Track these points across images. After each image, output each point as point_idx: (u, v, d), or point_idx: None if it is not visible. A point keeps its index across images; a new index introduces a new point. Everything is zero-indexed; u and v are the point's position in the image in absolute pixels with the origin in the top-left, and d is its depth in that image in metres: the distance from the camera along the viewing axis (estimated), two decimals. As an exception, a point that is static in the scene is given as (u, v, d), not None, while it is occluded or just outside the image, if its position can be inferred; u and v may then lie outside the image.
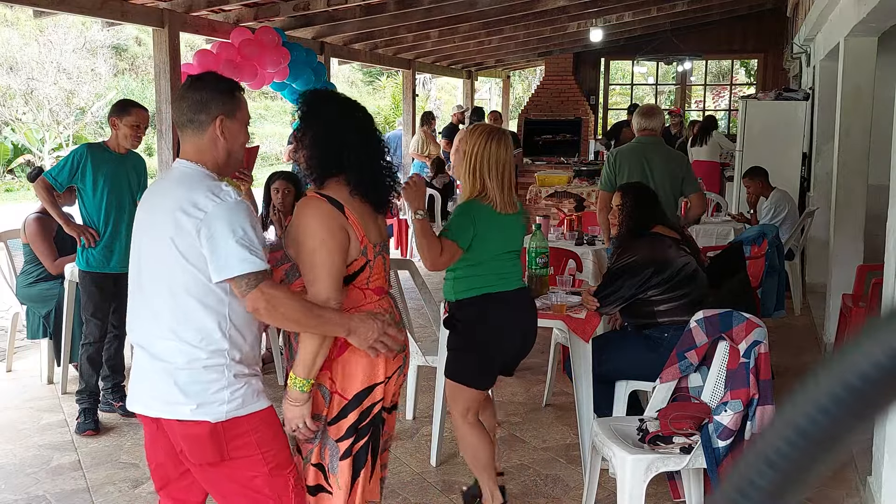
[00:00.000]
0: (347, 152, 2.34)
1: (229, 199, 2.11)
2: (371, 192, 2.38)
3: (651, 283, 3.63)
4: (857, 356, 0.40)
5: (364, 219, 2.35)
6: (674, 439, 2.98)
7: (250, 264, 2.07)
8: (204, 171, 2.20)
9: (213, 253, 2.06)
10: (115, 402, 4.56)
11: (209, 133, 2.20)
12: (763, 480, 0.43)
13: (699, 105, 17.44)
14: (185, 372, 2.13)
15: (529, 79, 23.99)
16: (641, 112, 5.24)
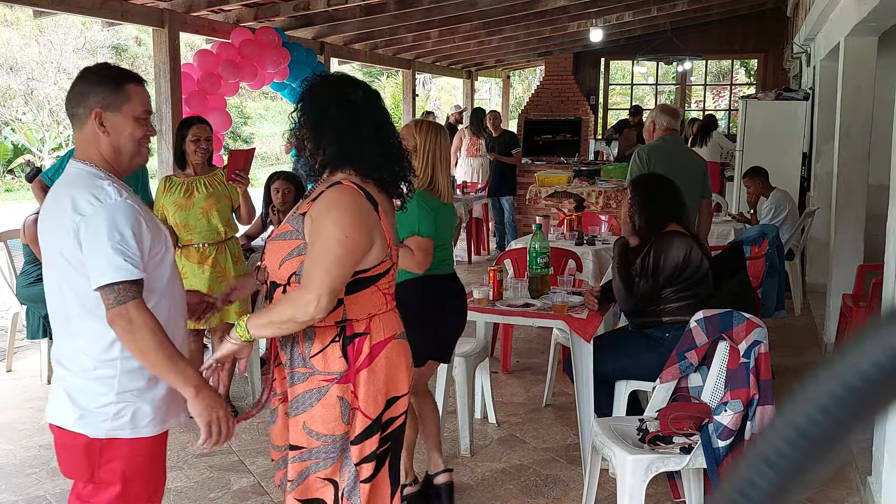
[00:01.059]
0: (362, 139, 2.16)
1: (110, 199, 1.97)
2: (392, 185, 2.26)
3: (671, 281, 3.62)
4: (858, 356, 0.40)
5: (389, 218, 2.24)
6: (674, 439, 2.98)
7: (123, 272, 1.93)
8: (90, 169, 2.06)
9: (89, 258, 1.95)
10: None
11: (88, 128, 2.06)
12: (763, 480, 0.43)
13: (699, 105, 17.43)
14: (76, 380, 2.03)
15: (529, 79, 23.99)
16: (667, 111, 5.17)
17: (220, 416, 2.06)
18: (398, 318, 2.29)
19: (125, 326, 1.94)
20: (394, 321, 2.27)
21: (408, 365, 2.29)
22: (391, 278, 2.25)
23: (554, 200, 9.40)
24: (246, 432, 4.35)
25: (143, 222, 2.02)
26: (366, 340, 2.17)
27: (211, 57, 7.31)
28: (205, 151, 4.37)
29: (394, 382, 2.23)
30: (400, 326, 2.29)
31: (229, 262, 4.42)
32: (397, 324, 2.28)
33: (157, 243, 2.07)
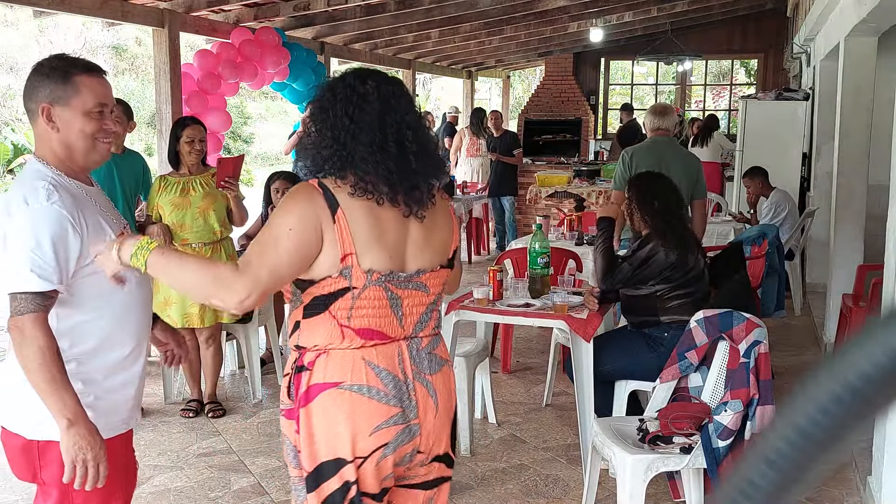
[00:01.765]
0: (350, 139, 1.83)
1: (36, 203, 1.87)
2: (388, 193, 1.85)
3: (665, 276, 3.62)
4: (858, 356, 0.40)
5: (368, 233, 1.82)
6: (674, 439, 2.98)
7: (26, 282, 1.84)
8: (39, 167, 1.96)
9: (3, 262, 1.88)
10: None
11: (39, 123, 1.97)
12: (763, 480, 0.43)
13: (699, 105, 17.43)
14: (12, 380, 1.96)
15: (529, 79, 23.98)
16: (655, 111, 5.14)
17: (89, 458, 1.88)
18: (360, 365, 1.83)
19: (16, 338, 1.86)
20: (345, 365, 1.82)
21: (349, 426, 1.82)
22: (349, 306, 1.83)
23: (554, 200, 9.41)
24: (246, 432, 4.36)
25: (69, 230, 1.89)
26: (302, 377, 1.85)
27: (211, 57, 7.31)
28: (199, 152, 4.39)
29: (327, 442, 1.83)
30: (355, 376, 1.82)
31: (224, 261, 4.43)
32: (350, 371, 1.82)
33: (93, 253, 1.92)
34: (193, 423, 4.50)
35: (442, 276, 1.99)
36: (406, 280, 1.89)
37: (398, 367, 1.88)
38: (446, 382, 1.99)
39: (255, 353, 4.90)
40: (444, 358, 2.02)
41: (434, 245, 1.95)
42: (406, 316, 1.90)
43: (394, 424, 1.85)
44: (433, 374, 1.94)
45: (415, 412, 1.89)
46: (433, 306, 1.98)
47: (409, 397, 1.88)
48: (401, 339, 1.90)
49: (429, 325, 1.97)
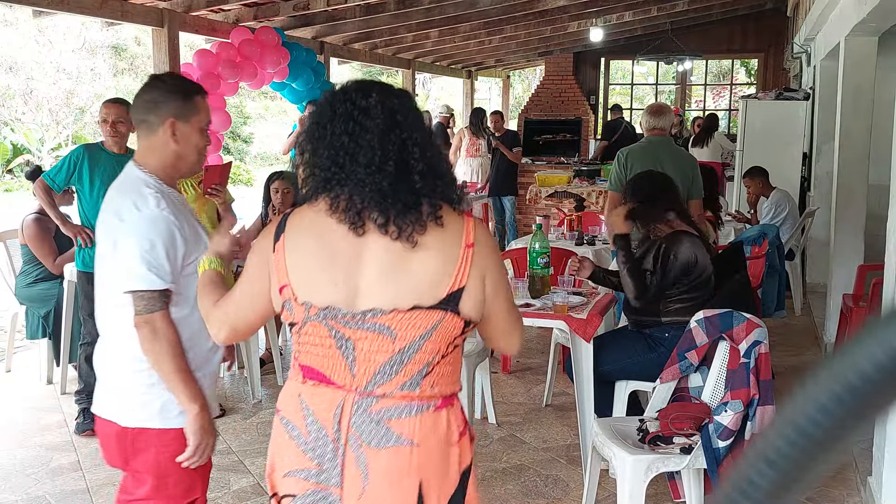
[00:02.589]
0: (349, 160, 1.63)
1: (147, 210, 2.06)
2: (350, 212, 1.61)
3: (678, 281, 3.62)
4: (858, 356, 0.40)
5: (306, 260, 1.63)
6: (674, 440, 2.98)
7: (147, 281, 2.02)
8: (143, 175, 2.14)
9: (120, 263, 2.05)
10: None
11: (159, 135, 2.15)
12: (763, 480, 0.43)
13: (699, 105, 17.44)
14: (110, 370, 2.16)
15: (529, 79, 23.99)
16: (651, 111, 5.14)
17: (209, 444, 2.12)
18: (296, 401, 1.68)
19: (148, 335, 2.02)
20: (287, 395, 1.71)
21: (271, 457, 1.73)
22: (297, 340, 1.68)
23: (554, 200, 9.41)
24: (246, 432, 4.35)
25: (177, 234, 2.08)
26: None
27: (210, 57, 7.30)
28: None
29: (268, 468, 1.76)
30: (289, 409, 1.69)
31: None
32: (288, 402, 1.70)
33: (193, 254, 2.11)
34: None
35: (422, 319, 1.59)
36: (355, 319, 1.60)
37: (332, 421, 1.61)
38: (393, 467, 1.59)
39: (255, 354, 4.90)
40: (409, 437, 1.59)
41: (404, 278, 1.60)
42: (359, 363, 1.60)
43: (304, 479, 1.65)
44: (376, 448, 1.59)
45: (336, 480, 1.62)
46: (403, 358, 1.59)
47: (334, 459, 1.62)
48: (350, 390, 1.61)
49: (391, 381, 1.60)
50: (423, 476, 1.61)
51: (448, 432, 1.64)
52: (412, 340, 1.59)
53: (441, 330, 1.61)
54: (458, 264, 1.62)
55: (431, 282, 1.60)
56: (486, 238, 1.69)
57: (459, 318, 1.62)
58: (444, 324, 1.61)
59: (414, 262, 1.60)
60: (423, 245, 1.60)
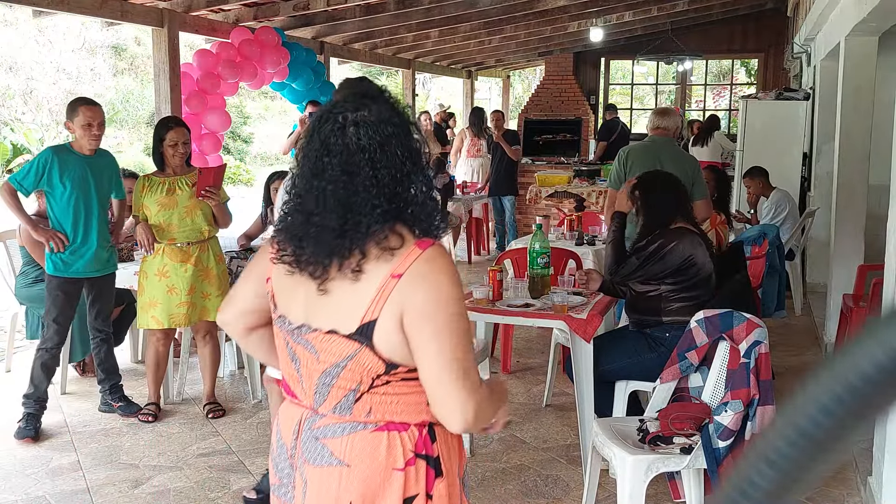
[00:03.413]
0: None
1: None
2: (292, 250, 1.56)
3: (673, 275, 3.62)
4: (858, 356, 0.40)
5: (283, 269, 1.59)
6: (674, 440, 2.97)
7: None
8: None
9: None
10: (113, 402, 4.55)
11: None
12: (763, 480, 0.43)
13: (699, 105, 17.44)
14: None
15: (529, 79, 23.99)
16: (656, 111, 5.20)
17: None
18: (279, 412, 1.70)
19: None
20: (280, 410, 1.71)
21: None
22: (276, 340, 1.67)
23: (554, 200, 9.41)
24: (246, 432, 4.35)
25: None
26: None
27: (210, 57, 7.31)
28: (182, 155, 4.38)
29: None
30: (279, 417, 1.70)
31: (211, 260, 4.44)
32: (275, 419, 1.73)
33: None
34: (193, 423, 4.50)
35: (338, 346, 1.51)
36: (294, 332, 1.57)
37: (291, 437, 1.61)
38: (324, 486, 1.55)
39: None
40: (339, 458, 1.54)
41: (331, 301, 1.52)
42: (304, 378, 1.58)
43: (274, 492, 1.68)
44: (313, 465, 1.57)
45: (290, 495, 1.63)
46: (328, 379, 1.54)
47: (290, 475, 1.63)
48: (306, 407, 1.60)
49: (326, 402, 1.55)
50: (354, 498, 1.53)
51: (388, 456, 1.52)
52: (332, 364, 1.52)
53: (357, 362, 1.50)
54: (376, 295, 1.48)
55: (348, 308, 1.50)
56: (424, 272, 1.48)
57: (376, 356, 1.49)
58: (359, 357, 1.50)
59: (337, 286, 1.51)
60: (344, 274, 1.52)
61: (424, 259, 1.48)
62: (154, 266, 4.34)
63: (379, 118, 1.51)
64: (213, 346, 4.58)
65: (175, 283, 4.32)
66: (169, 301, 4.32)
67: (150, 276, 4.36)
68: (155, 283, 4.34)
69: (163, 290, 4.32)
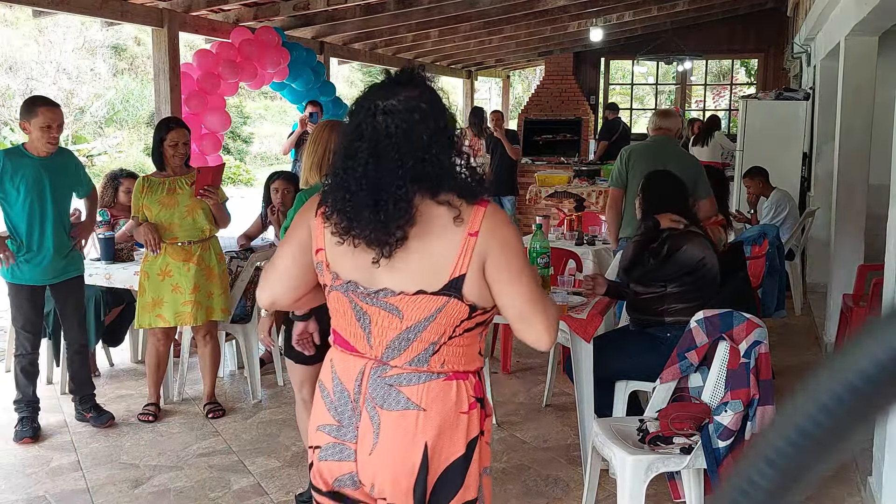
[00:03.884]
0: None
1: None
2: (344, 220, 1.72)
3: (683, 279, 3.62)
4: (859, 356, 0.40)
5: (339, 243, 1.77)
6: (674, 440, 2.97)
7: None
8: None
9: None
10: (85, 412, 4.43)
11: None
12: (764, 480, 0.43)
13: (699, 105, 17.44)
14: None
15: (529, 79, 23.99)
16: (658, 112, 5.32)
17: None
18: (328, 364, 1.87)
19: None
20: (325, 359, 1.90)
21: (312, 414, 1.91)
22: (330, 303, 1.84)
23: (554, 200, 9.41)
24: (246, 432, 4.35)
25: None
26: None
27: (210, 57, 7.31)
28: (182, 155, 4.36)
29: (314, 411, 1.91)
30: (324, 371, 1.88)
31: (213, 259, 4.43)
32: (324, 365, 1.89)
33: None
34: (193, 423, 4.50)
35: (426, 304, 1.71)
36: (370, 296, 1.74)
37: (354, 384, 1.78)
38: (401, 428, 1.73)
39: (255, 354, 4.90)
40: (416, 402, 1.73)
41: (413, 267, 1.71)
42: (374, 336, 1.76)
43: (328, 433, 1.82)
44: (387, 410, 1.74)
45: (352, 436, 1.79)
46: (409, 336, 1.73)
47: (352, 418, 1.78)
48: (370, 359, 1.77)
49: (402, 356, 1.74)
50: (429, 438, 1.73)
51: (457, 402, 1.75)
52: (417, 321, 1.72)
53: (445, 314, 1.72)
54: (458, 253, 1.70)
55: (433, 270, 1.71)
56: (493, 226, 1.72)
57: (463, 303, 1.72)
58: (447, 308, 1.72)
59: (417, 252, 1.70)
60: (428, 235, 1.70)
61: (489, 216, 1.72)
62: (156, 266, 4.33)
63: (407, 106, 1.69)
64: (214, 346, 4.58)
65: (179, 282, 4.32)
66: (175, 300, 4.31)
67: (153, 275, 4.33)
68: (158, 283, 4.32)
69: (167, 289, 4.31)
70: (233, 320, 4.79)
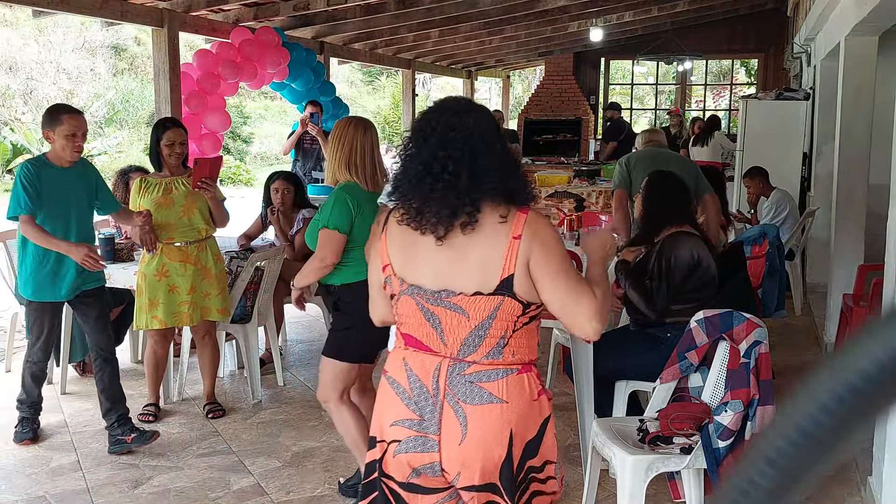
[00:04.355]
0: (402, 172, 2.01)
1: None
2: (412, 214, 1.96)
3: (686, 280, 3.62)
4: (859, 355, 0.40)
5: (401, 245, 2.01)
6: (674, 440, 2.97)
7: None
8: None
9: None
10: (125, 436, 4.04)
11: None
12: (764, 480, 0.43)
13: (699, 105, 17.44)
14: None
15: (529, 79, 23.99)
16: (645, 131, 5.79)
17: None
18: (400, 363, 2.01)
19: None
20: (393, 360, 2.04)
21: (380, 410, 2.05)
22: (397, 312, 2.04)
23: (554, 200, 9.40)
24: (246, 432, 4.35)
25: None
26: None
27: (210, 57, 7.31)
28: (179, 155, 4.34)
29: (373, 419, 2.08)
30: (395, 370, 2.02)
31: (210, 260, 4.40)
32: (393, 365, 2.03)
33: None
34: (193, 423, 4.50)
35: (485, 303, 1.91)
36: (434, 297, 1.94)
37: (431, 380, 1.95)
38: (487, 420, 1.92)
39: (255, 354, 4.90)
40: (499, 396, 1.92)
41: (466, 268, 1.92)
42: (447, 335, 1.95)
43: (408, 427, 1.97)
44: (472, 404, 1.92)
45: (434, 429, 1.94)
46: (480, 333, 1.92)
47: (433, 412, 1.94)
48: (445, 356, 1.95)
49: (478, 351, 1.93)
50: (513, 426, 1.94)
51: (530, 391, 1.96)
52: (482, 320, 1.92)
53: (503, 311, 1.91)
54: (505, 255, 1.91)
55: (486, 271, 1.91)
56: (534, 230, 1.93)
57: (516, 301, 1.92)
58: (504, 306, 1.91)
59: (471, 255, 1.93)
60: (479, 240, 1.92)
61: (530, 221, 1.93)
62: (153, 266, 4.32)
63: (479, 125, 1.98)
64: (213, 346, 4.58)
65: (176, 283, 4.31)
66: (171, 300, 4.30)
67: (149, 276, 4.31)
68: (155, 284, 4.30)
69: (164, 289, 4.30)
70: (233, 320, 4.79)
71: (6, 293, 5.45)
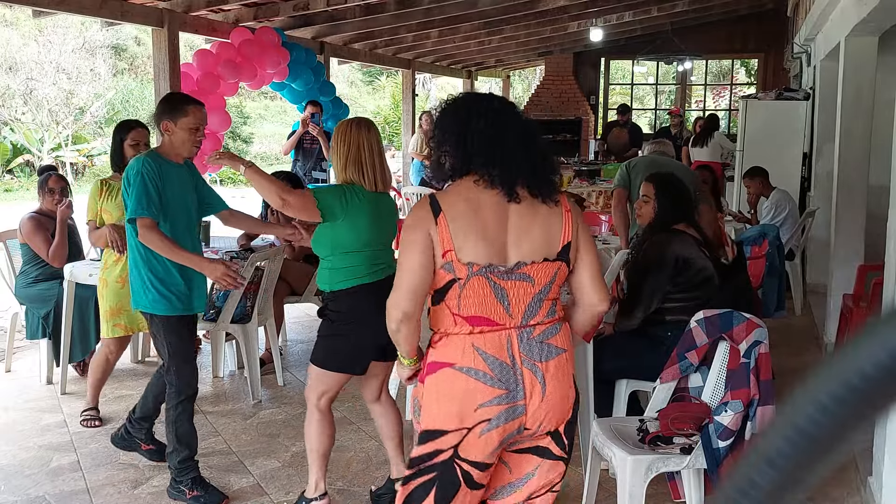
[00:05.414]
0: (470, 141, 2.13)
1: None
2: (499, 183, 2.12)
3: (673, 280, 3.63)
4: (859, 356, 0.40)
5: (466, 229, 2.09)
6: (674, 440, 2.97)
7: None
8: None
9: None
10: (144, 444, 3.94)
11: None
12: (764, 480, 0.43)
13: (699, 105, 17.44)
14: None
15: (529, 79, 23.99)
16: (656, 141, 5.95)
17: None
18: (470, 350, 2.10)
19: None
20: (458, 349, 2.11)
21: (457, 402, 2.11)
22: (458, 295, 2.11)
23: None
24: (246, 433, 4.35)
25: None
26: (429, 352, 2.19)
27: (210, 57, 7.31)
28: None
29: (435, 414, 2.14)
30: (465, 359, 2.09)
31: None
32: (462, 354, 2.10)
33: None
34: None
35: (549, 268, 2.14)
36: (507, 272, 2.10)
37: (506, 353, 2.10)
38: (560, 369, 2.17)
39: (255, 354, 4.90)
40: (561, 346, 2.17)
41: (534, 238, 2.13)
42: (513, 306, 2.12)
43: (497, 404, 2.10)
44: (544, 361, 2.14)
45: (521, 394, 2.11)
46: (541, 297, 2.14)
47: (516, 380, 2.10)
48: (511, 328, 2.11)
49: (538, 314, 2.14)
50: (573, 372, 2.23)
51: (572, 337, 2.27)
52: (544, 284, 2.15)
53: (559, 275, 2.18)
54: (564, 224, 2.17)
55: (550, 239, 2.15)
56: (573, 206, 2.24)
57: (568, 265, 2.19)
58: (560, 270, 2.17)
59: (537, 226, 2.15)
60: (541, 212, 2.16)
61: (567, 199, 2.25)
62: (115, 273, 4.23)
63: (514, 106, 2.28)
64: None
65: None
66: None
67: (111, 283, 4.22)
68: (118, 290, 4.19)
69: (126, 296, 3.83)
70: (233, 320, 4.78)
71: (6, 293, 5.45)
